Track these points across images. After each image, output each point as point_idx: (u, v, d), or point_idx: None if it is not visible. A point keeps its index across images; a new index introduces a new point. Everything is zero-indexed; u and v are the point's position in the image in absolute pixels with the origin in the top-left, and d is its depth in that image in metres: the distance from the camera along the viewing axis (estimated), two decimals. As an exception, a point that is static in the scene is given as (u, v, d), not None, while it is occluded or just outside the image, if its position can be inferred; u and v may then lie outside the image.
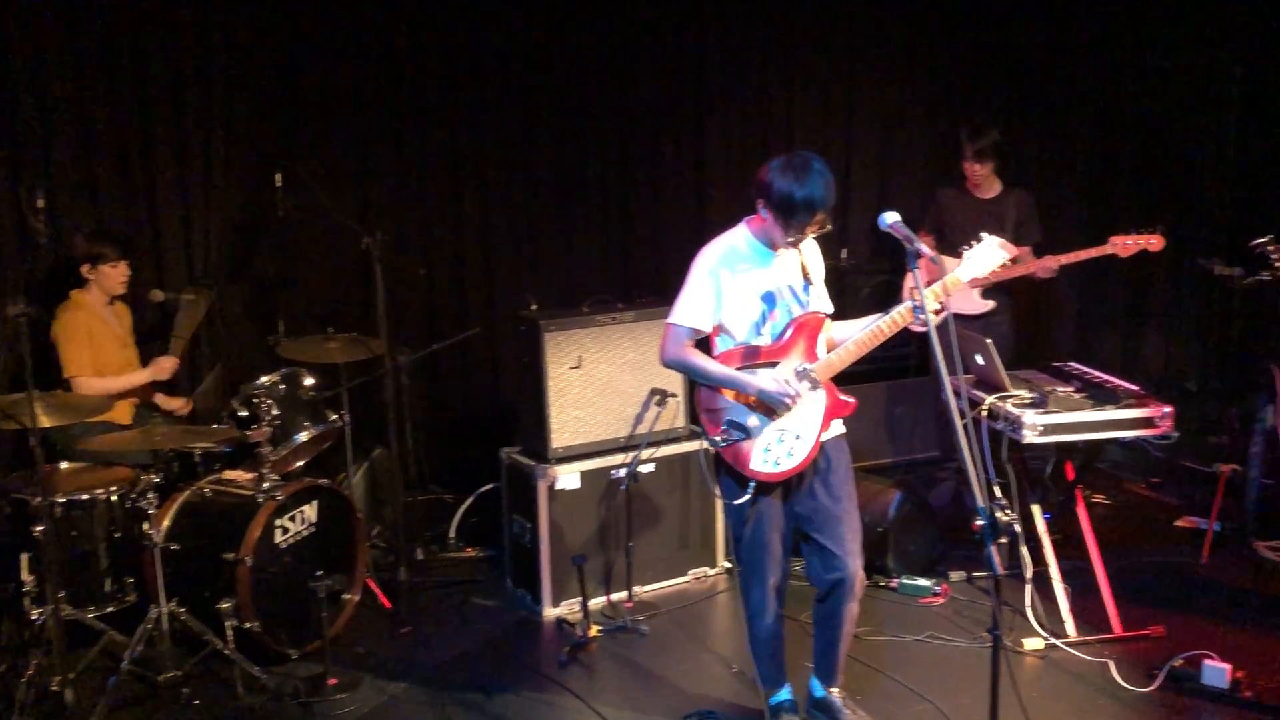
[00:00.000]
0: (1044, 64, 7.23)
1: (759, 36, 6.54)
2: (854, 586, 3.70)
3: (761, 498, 3.65)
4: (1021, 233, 5.71)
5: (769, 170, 3.47)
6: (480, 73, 5.93)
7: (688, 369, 3.68)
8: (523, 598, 5.00)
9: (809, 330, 3.63)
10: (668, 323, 3.62)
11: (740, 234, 3.64)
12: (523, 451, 5.00)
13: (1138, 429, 4.45)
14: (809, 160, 3.44)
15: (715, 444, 3.63)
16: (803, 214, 3.41)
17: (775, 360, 3.60)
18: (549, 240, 6.20)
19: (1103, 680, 4.20)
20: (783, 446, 3.60)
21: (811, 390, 3.60)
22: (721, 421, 3.62)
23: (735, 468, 3.63)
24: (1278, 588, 5.01)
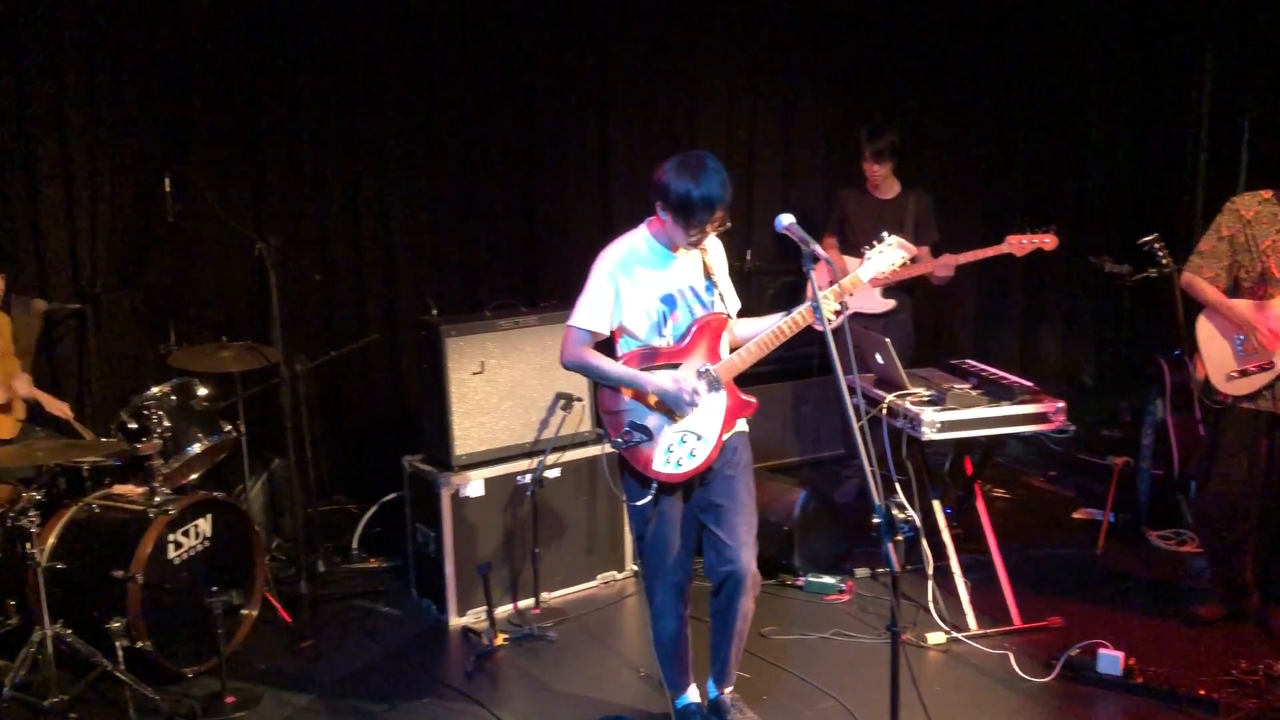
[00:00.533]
0: (941, 67, 7.36)
1: (661, 37, 6.54)
2: (746, 581, 3.69)
3: (664, 498, 3.65)
4: (920, 232, 5.80)
5: (664, 171, 3.47)
6: (379, 73, 5.82)
7: (587, 370, 3.67)
8: (428, 608, 4.93)
9: (711, 331, 3.64)
10: (567, 325, 3.62)
11: (640, 235, 3.64)
12: (426, 459, 4.92)
13: (1032, 424, 4.55)
14: (703, 158, 3.45)
15: (617, 445, 3.63)
16: (702, 213, 3.42)
17: (677, 361, 3.59)
18: (451, 244, 6.11)
19: (1003, 672, 4.28)
20: (685, 447, 3.60)
21: (713, 391, 3.61)
22: (623, 423, 3.61)
23: (638, 469, 3.62)
24: (1168, 575, 5.16)
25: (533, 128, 6.23)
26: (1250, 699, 3.99)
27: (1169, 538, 5.48)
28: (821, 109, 7.14)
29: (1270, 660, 4.19)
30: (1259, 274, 4.26)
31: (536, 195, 6.29)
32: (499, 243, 6.22)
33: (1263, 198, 4.29)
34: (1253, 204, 4.29)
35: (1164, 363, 5.53)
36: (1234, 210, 4.33)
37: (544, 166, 6.29)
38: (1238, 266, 4.32)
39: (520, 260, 6.30)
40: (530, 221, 6.30)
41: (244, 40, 5.52)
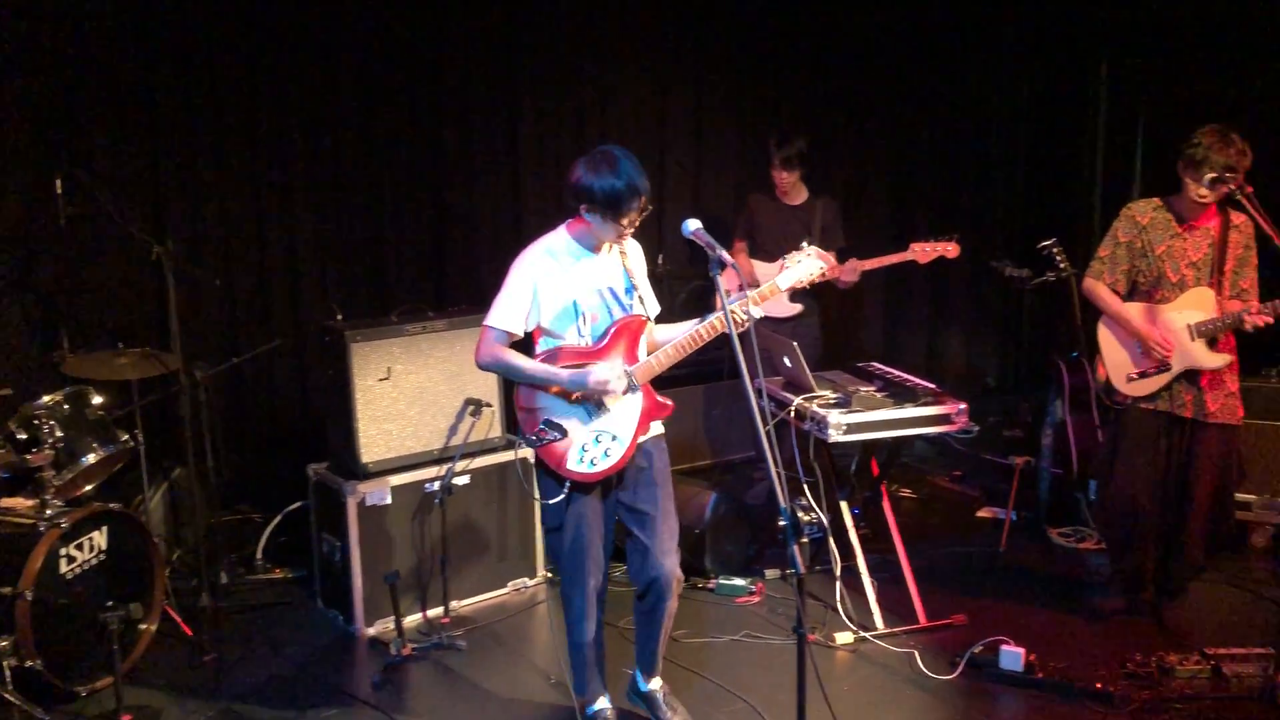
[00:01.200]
0: (849, 75, 7.46)
1: (570, 41, 6.52)
2: (670, 584, 3.75)
3: (579, 499, 3.65)
4: (827, 238, 5.87)
5: (579, 173, 3.47)
6: (281, 72, 5.67)
7: (504, 369, 3.65)
8: (334, 618, 4.83)
9: (630, 332, 3.65)
10: (484, 325, 3.60)
11: (560, 236, 3.63)
12: (331, 467, 4.83)
13: (936, 425, 4.63)
14: (612, 152, 3.48)
15: (530, 443, 3.61)
16: (629, 202, 3.44)
17: (595, 361, 3.58)
18: (359, 249, 5.99)
19: (909, 670, 4.34)
20: (599, 447, 3.60)
21: (630, 392, 3.61)
22: (538, 421, 3.60)
23: (551, 467, 3.61)
24: (1068, 572, 5.29)
25: (441, 131, 6.15)
26: (1144, 690, 4.10)
27: (1068, 535, 5.62)
28: (732, 115, 7.18)
29: (1163, 653, 4.30)
30: (1155, 278, 4.39)
31: (446, 200, 6.21)
32: (408, 248, 6.12)
33: (1156, 204, 4.42)
34: (1147, 210, 4.42)
35: (1062, 365, 5.67)
36: (1130, 217, 4.45)
37: (453, 171, 6.21)
38: (1135, 271, 4.45)
39: (430, 265, 6.21)
40: (440, 226, 6.22)
41: (141, 38, 5.34)
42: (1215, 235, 4.31)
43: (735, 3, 7.05)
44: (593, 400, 3.59)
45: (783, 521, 3.00)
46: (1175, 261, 4.34)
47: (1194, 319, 4.30)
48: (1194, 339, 4.30)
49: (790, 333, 5.73)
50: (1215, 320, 4.26)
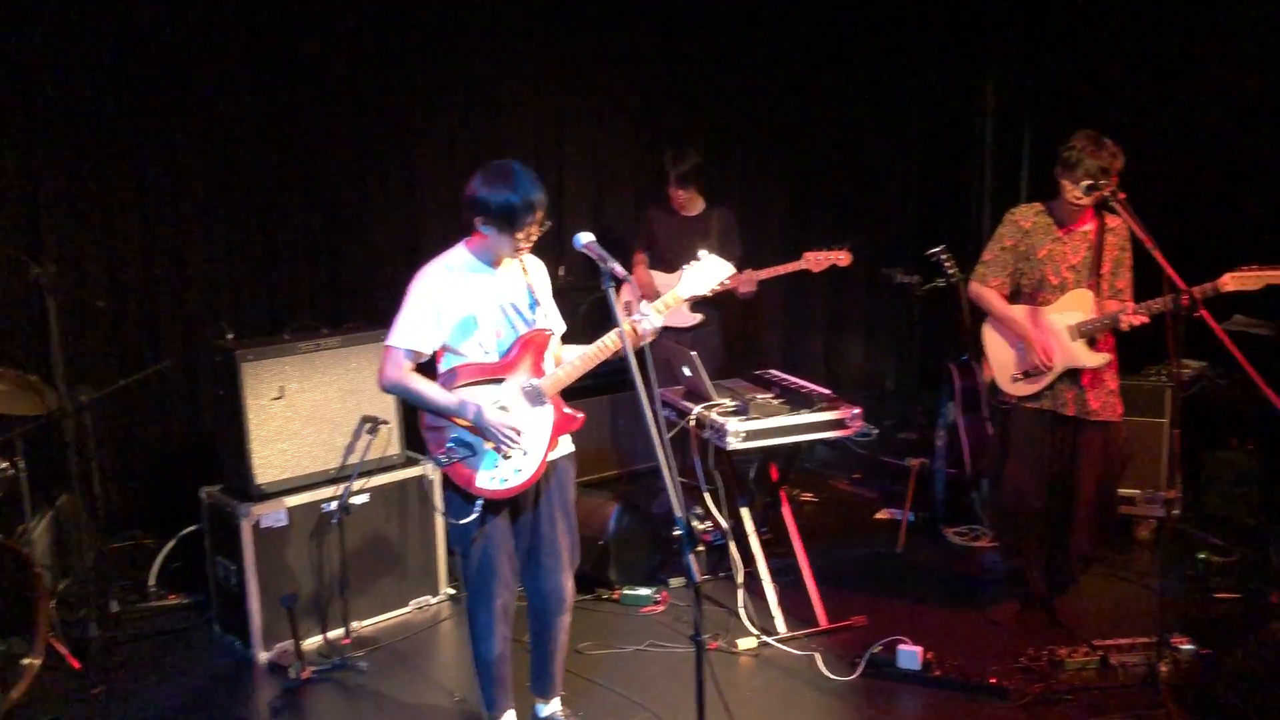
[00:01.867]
0: (744, 88, 7.55)
1: (467, 56, 6.48)
2: (566, 599, 3.76)
3: (489, 518, 3.60)
4: (724, 249, 5.87)
5: (475, 187, 3.45)
6: (169, 84, 5.53)
7: (406, 394, 3.58)
8: (231, 644, 4.71)
9: (535, 347, 3.62)
10: (386, 345, 3.52)
11: (459, 253, 3.59)
12: (225, 489, 4.71)
13: (831, 430, 4.69)
14: (509, 165, 3.46)
15: (439, 463, 3.56)
16: (525, 215, 3.41)
17: (501, 377, 3.56)
18: (251, 267, 5.86)
19: (810, 672, 4.38)
20: (510, 463, 3.57)
21: (538, 406, 3.58)
22: (445, 439, 3.55)
23: (461, 486, 3.56)
24: (964, 569, 5.41)
25: (336, 147, 6.06)
26: (1036, 683, 4.20)
27: (964, 533, 5.74)
28: (628, 128, 7.21)
29: (1054, 646, 4.42)
30: (1038, 281, 4.51)
31: (341, 216, 6.11)
32: (302, 265, 6.01)
33: (1038, 210, 4.55)
34: (1029, 215, 4.55)
35: (953, 367, 5.80)
36: (1013, 221, 4.57)
37: (348, 186, 6.13)
38: (1019, 274, 4.57)
39: (325, 282, 6.10)
40: (335, 242, 6.12)
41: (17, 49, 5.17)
42: (1092, 239, 4.45)
43: (629, 19, 7.08)
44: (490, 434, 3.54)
45: (678, 531, 3.01)
46: (1056, 265, 4.47)
47: (1074, 320, 4.43)
48: (1074, 339, 4.43)
49: (691, 342, 5.76)
50: (1094, 320, 4.39)
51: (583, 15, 6.87)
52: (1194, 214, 6.15)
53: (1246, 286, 4.18)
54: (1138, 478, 5.55)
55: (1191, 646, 4.37)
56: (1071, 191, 4.33)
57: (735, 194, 7.29)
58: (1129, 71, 6.70)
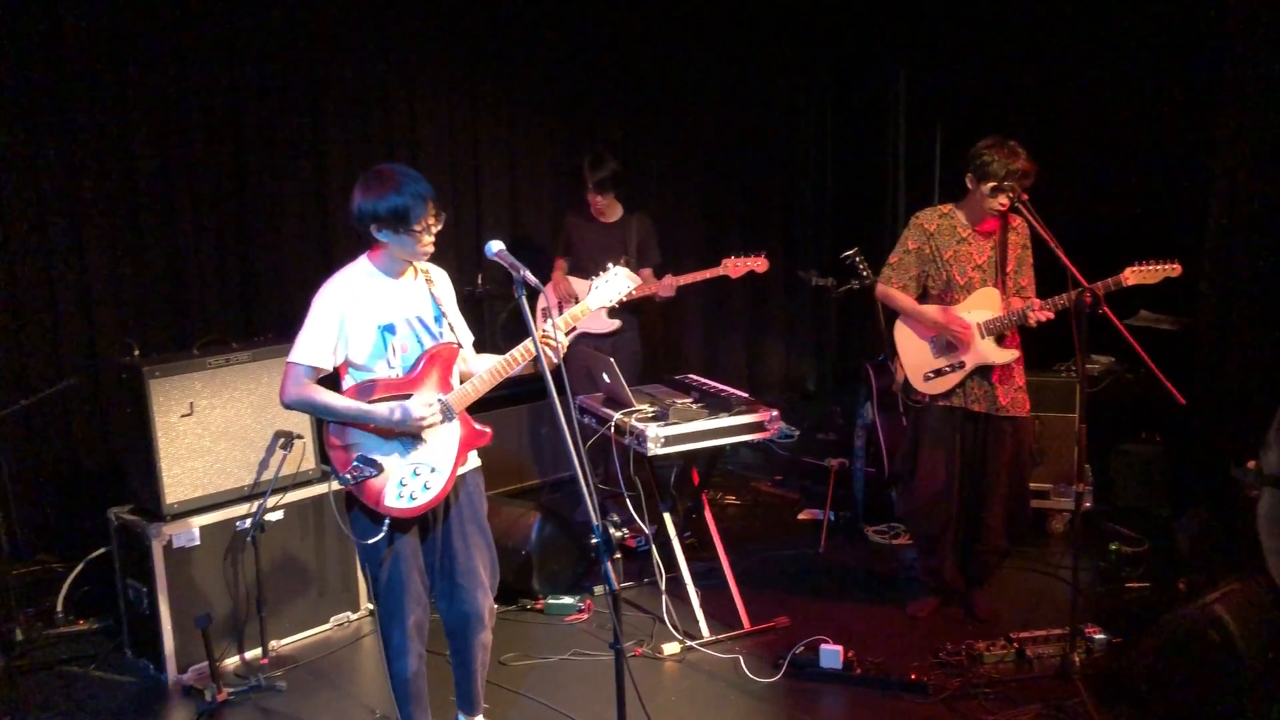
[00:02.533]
0: (662, 94, 7.58)
1: (378, 65, 6.40)
2: (484, 618, 3.71)
3: (398, 536, 3.54)
4: (643, 255, 5.94)
5: (358, 198, 3.41)
6: (71, 94, 5.36)
7: (312, 408, 3.52)
8: (144, 668, 4.58)
9: (442, 361, 3.57)
10: (288, 362, 3.45)
11: (362, 267, 3.53)
12: (134, 510, 4.59)
13: (750, 433, 4.73)
14: (386, 167, 3.44)
15: (345, 481, 3.48)
16: (418, 208, 3.37)
17: (408, 392, 3.50)
18: (157, 281, 5.71)
19: (734, 675, 4.39)
20: (418, 480, 3.51)
21: (446, 422, 3.54)
22: (351, 458, 3.48)
23: (369, 505, 3.49)
24: (883, 568, 5.47)
25: (244, 158, 5.93)
26: (955, 678, 4.27)
27: (884, 532, 5.81)
28: (546, 134, 7.19)
29: (972, 640, 4.49)
30: (944, 282, 4.58)
31: (251, 229, 5.99)
32: (211, 278, 5.87)
33: (943, 211, 4.63)
34: (934, 218, 4.62)
35: (869, 368, 5.87)
36: (918, 225, 4.64)
37: (258, 198, 5.99)
38: (925, 276, 4.64)
39: (235, 297, 5.97)
40: (246, 256, 5.99)
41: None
42: (997, 238, 4.55)
43: (545, 26, 7.06)
44: (409, 433, 3.50)
45: (595, 539, 3.01)
46: (962, 265, 4.55)
47: (982, 318, 4.51)
48: (984, 336, 4.51)
49: (610, 349, 5.77)
50: (1002, 318, 4.48)
51: (497, 21, 6.83)
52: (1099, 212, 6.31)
53: (1146, 280, 4.32)
54: (1050, 472, 5.68)
55: (1104, 635, 4.49)
56: (983, 195, 4.41)
57: (654, 200, 7.30)
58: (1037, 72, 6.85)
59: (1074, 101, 6.62)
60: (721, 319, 8.16)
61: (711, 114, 7.84)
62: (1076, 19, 6.64)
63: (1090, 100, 6.56)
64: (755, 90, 8.00)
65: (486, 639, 3.74)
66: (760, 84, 8.00)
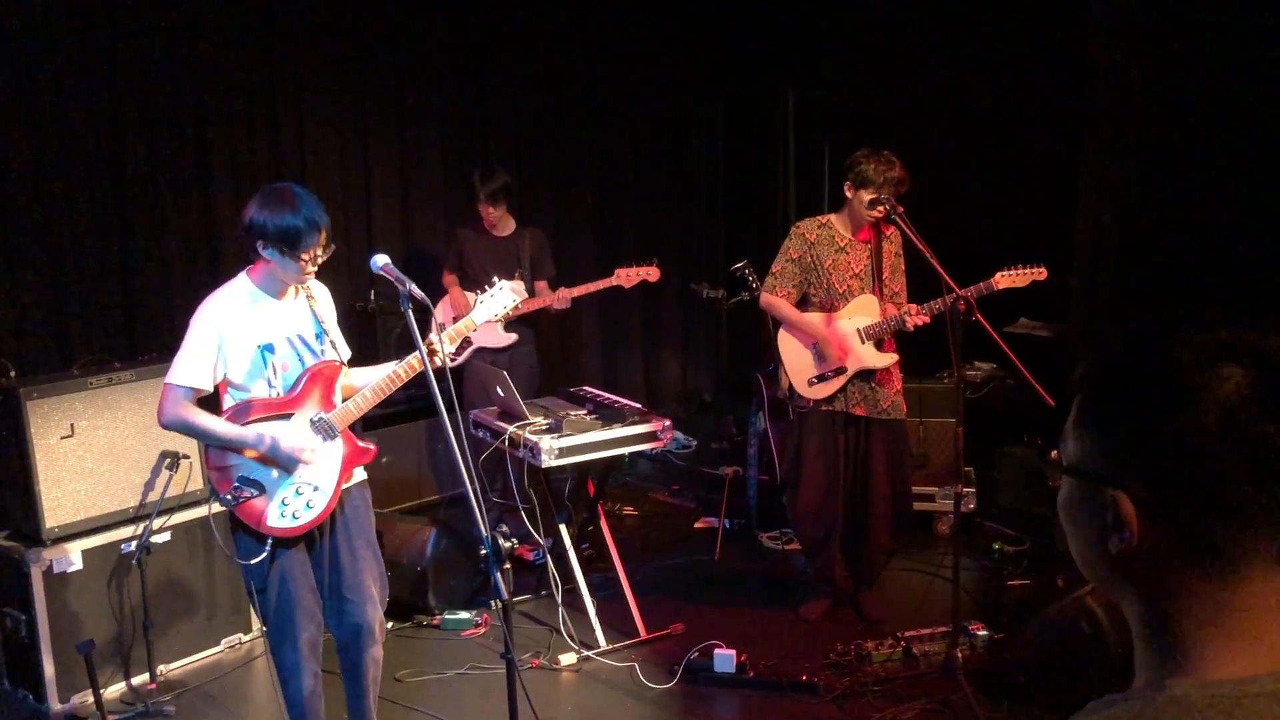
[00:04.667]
0: (552, 105, 7.63)
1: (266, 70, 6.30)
2: (374, 632, 3.69)
3: (284, 553, 3.52)
4: (536, 268, 5.98)
5: (252, 211, 3.39)
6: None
7: (190, 430, 3.48)
8: (23, 699, 4.44)
9: (324, 379, 3.56)
10: (165, 383, 3.42)
11: (241, 284, 3.51)
12: (11, 535, 4.45)
13: (644, 443, 4.80)
14: (288, 188, 3.42)
15: (226, 503, 3.45)
16: (309, 237, 3.36)
17: (290, 411, 3.49)
18: (33, 299, 5.54)
19: (630, 683, 4.46)
20: (300, 499, 3.50)
21: (328, 440, 3.53)
22: (232, 479, 3.45)
23: (251, 525, 3.47)
24: (778, 572, 5.60)
25: (125, 171, 5.79)
26: (844, 678, 4.39)
27: (776, 538, 5.94)
28: (436, 150, 7.18)
29: (861, 640, 4.63)
30: (825, 289, 4.73)
31: (134, 245, 5.84)
32: (92, 296, 5.71)
33: (821, 222, 4.77)
34: (814, 227, 4.76)
35: (760, 377, 6.00)
36: (799, 234, 4.78)
37: (141, 214, 5.85)
38: (806, 284, 4.78)
39: (117, 316, 5.80)
40: (128, 273, 5.85)
41: None
42: (872, 247, 4.71)
43: (437, 36, 7.06)
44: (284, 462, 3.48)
45: (484, 550, 3.04)
46: (841, 274, 4.70)
47: (862, 324, 4.66)
48: (863, 342, 4.67)
49: (507, 362, 5.79)
50: (880, 324, 4.64)
51: (389, 30, 6.81)
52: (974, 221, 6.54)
53: (1016, 284, 4.53)
54: (935, 476, 5.87)
55: (986, 632, 4.66)
56: (861, 203, 4.56)
57: (547, 213, 7.35)
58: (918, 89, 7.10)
59: (952, 114, 6.88)
60: (618, 332, 8.23)
61: (604, 128, 7.93)
62: (955, 38, 6.90)
63: (967, 112, 6.82)
64: (648, 105, 8.11)
65: (377, 654, 3.72)
66: (653, 98, 8.11)
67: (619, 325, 8.20)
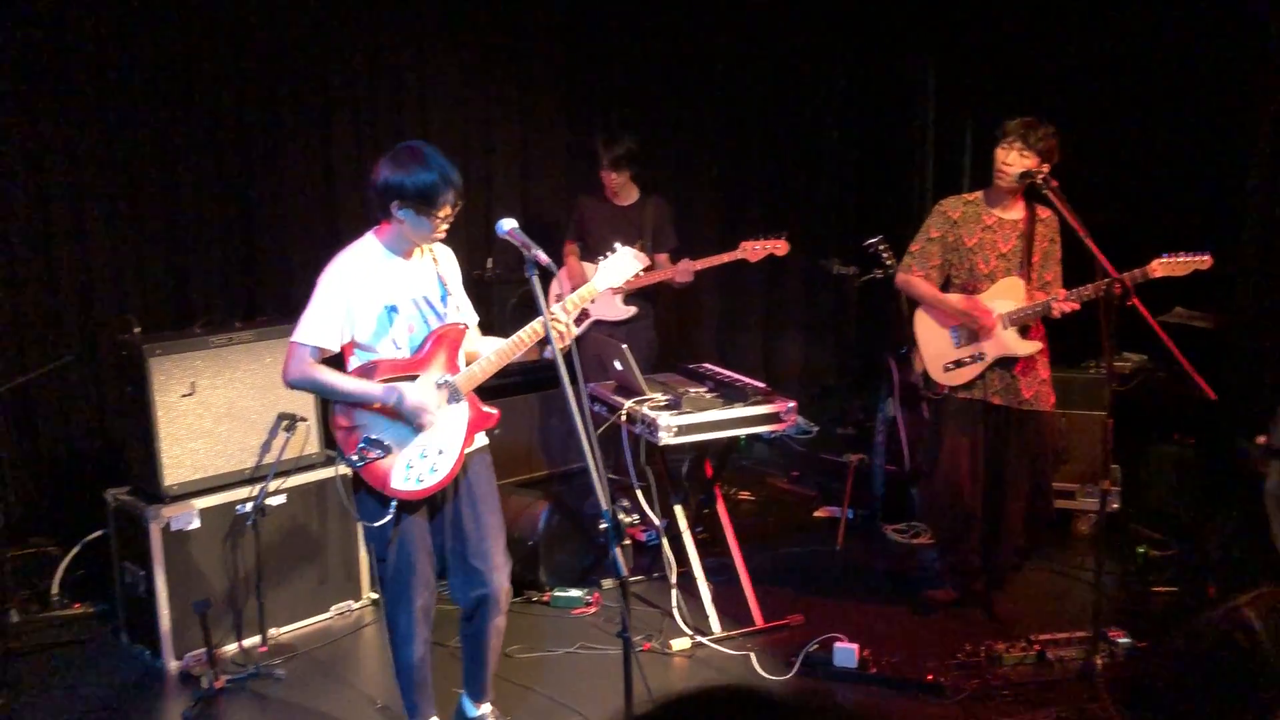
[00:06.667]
0: (678, 72, 7.64)
1: (386, 39, 6.47)
2: (500, 601, 3.79)
3: (405, 518, 3.64)
4: (658, 239, 6.02)
5: (384, 171, 3.49)
6: (69, 64, 5.47)
7: (316, 387, 3.62)
8: (140, 654, 4.70)
9: (449, 342, 3.66)
10: (291, 341, 3.55)
11: (369, 244, 3.63)
12: (132, 491, 4.70)
13: (765, 424, 4.81)
14: (416, 146, 3.52)
15: (351, 463, 3.58)
16: (444, 193, 3.47)
17: (415, 373, 3.60)
18: (158, 257, 5.81)
19: (745, 672, 4.49)
20: (425, 462, 3.61)
21: (454, 403, 3.63)
22: (358, 439, 3.57)
23: (375, 487, 3.59)
24: (901, 566, 5.56)
25: (248, 132, 6.01)
26: (973, 679, 4.35)
27: (903, 531, 5.90)
28: (559, 114, 7.26)
29: (991, 641, 4.57)
30: (968, 271, 4.66)
31: (255, 204, 6.08)
32: (214, 254, 5.97)
33: (968, 199, 4.70)
34: (959, 205, 4.70)
35: (892, 361, 5.95)
36: (942, 212, 4.72)
37: (262, 173, 6.08)
38: (948, 265, 4.72)
39: (237, 275, 6.06)
40: (249, 232, 6.09)
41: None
42: (1023, 228, 4.62)
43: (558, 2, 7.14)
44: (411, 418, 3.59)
45: (604, 524, 3.09)
46: (986, 253, 4.62)
47: (1006, 308, 4.59)
48: (1006, 327, 4.59)
49: (625, 336, 5.85)
50: (1026, 308, 4.55)
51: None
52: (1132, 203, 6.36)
53: (1174, 273, 4.38)
54: (1076, 472, 5.74)
55: (1128, 640, 4.56)
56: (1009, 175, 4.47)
57: (669, 183, 7.36)
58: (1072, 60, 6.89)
59: (1110, 89, 6.67)
60: (738, 309, 8.23)
61: (731, 95, 7.90)
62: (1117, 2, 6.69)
63: (1127, 87, 6.60)
64: (777, 69, 8.05)
65: (501, 624, 3.83)
66: (782, 62, 8.04)
67: (739, 301, 8.19)
